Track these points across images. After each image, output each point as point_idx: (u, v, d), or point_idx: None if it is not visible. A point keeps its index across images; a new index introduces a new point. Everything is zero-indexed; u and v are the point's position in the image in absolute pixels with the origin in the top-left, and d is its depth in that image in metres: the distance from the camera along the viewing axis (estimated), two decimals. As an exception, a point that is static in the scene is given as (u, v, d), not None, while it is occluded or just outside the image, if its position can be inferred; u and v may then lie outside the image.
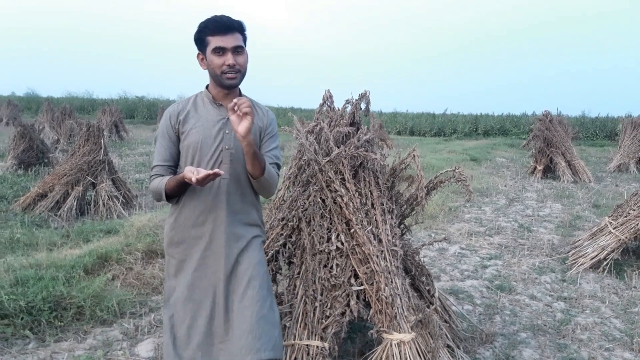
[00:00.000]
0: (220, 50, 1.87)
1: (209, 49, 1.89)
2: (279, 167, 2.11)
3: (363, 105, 2.99)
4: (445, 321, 3.03)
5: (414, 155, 2.84)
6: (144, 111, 29.06)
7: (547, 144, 10.98)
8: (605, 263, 4.71)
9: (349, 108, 2.96)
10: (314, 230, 2.62)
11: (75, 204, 6.23)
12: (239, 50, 1.90)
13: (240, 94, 2.04)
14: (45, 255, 4.19)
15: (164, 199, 1.95)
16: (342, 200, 2.59)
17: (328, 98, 2.98)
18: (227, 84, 1.92)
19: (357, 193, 2.69)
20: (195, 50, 1.98)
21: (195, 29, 1.93)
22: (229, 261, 1.98)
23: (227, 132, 1.96)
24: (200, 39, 1.92)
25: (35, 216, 5.92)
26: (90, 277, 3.84)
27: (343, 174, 2.67)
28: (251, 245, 2.05)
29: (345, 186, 2.64)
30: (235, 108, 1.75)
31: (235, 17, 1.94)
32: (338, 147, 2.71)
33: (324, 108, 2.99)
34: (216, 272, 1.98)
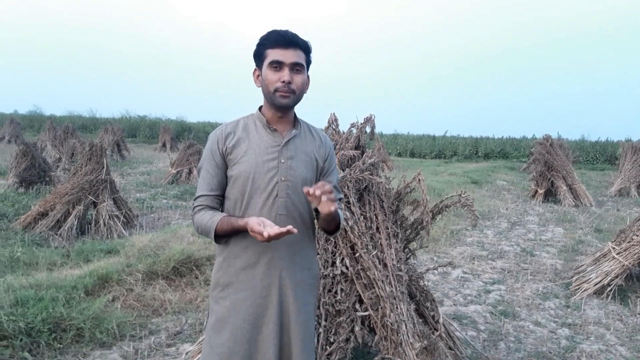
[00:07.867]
0: (277, 65, 1.69)
1: (265, 63, 1.71)
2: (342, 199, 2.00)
3: (368, 129, 3.01)
4: (450, 348, 2.99)
5: (419, 180, 2.84)
6: (146, 130, 29.25)
7: (548, 167, 11.01)
8: (609, 289, 4.67)
9: (354, 131, 2.97)
10: (318, 254, 2.61)
11: (76, 223, 6.20)
12: (298, 68, 1.71)
13: (295, 118, 1.85)
14: (45, 275, 4.15)
15: (212, 238, 1.73)
16: (347, 224, 2.58)
17: (333, 121, 3.00)
18: (278, 103, 1.71)
19: (362, 217, 2.69)
20: (252, 66, 1.81)
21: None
22: (283, 312, 1.76)
23: (283, 161, 1.74)
24: (259, 53, 1.74)
25: (36, 235, 5.89)
26: (90, 298, 3.80)
27: (348, 198, 2.66)
28: (309, 308, 1.84)
29: (350, 210, 2.64)
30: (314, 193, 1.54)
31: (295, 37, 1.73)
32: (343, 170, 2.71)
33: (330, 131, 3.00)
34: (267, 323, 1.75)
